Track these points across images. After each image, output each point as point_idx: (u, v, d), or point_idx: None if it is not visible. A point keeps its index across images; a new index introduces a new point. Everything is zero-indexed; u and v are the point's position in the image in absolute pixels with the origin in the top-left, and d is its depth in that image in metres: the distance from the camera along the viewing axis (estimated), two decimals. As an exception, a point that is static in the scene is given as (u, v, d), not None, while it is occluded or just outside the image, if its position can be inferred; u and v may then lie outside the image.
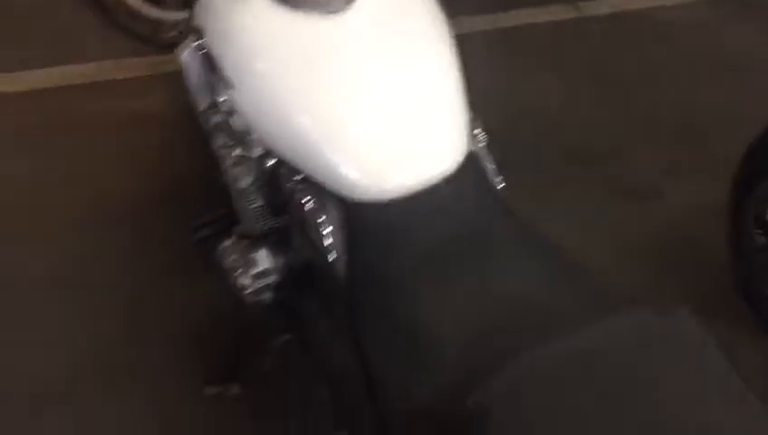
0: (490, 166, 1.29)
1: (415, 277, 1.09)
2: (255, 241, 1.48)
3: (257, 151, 1.35)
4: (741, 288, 2.13)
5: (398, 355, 1.02)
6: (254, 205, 1.47)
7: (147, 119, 2.41)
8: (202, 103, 1.56)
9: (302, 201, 1.23)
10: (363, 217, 1.17)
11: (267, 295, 1.53)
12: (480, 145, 1.28)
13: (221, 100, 1.40)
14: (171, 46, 2.63)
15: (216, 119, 1.47)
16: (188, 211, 1.73)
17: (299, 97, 1.20)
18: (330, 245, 1.20)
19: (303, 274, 1.45)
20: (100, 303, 1.90)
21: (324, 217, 1.21)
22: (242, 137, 1.37)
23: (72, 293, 1.91)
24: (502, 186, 1.28)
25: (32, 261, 1.97)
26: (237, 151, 1.39)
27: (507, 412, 0.84)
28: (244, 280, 1.46)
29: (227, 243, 1.53)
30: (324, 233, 1.20)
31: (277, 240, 1.47)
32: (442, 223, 1.15)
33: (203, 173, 1.71)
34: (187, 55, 1.54)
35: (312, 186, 1.23)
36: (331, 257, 1.21)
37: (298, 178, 1.25)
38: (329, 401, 1.49)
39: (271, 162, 1.33)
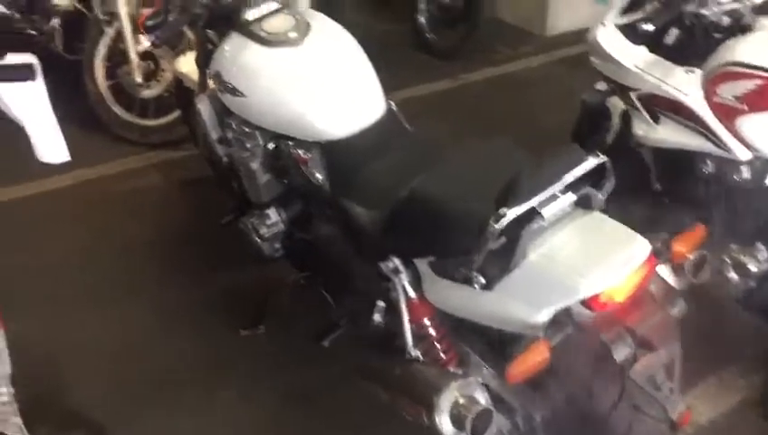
0: (402, 117, 2.23)
1: (366, 168, 2.00)
2: (265, 206, 2.32)
3: (261, 140, 2.21)
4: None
5: (358, 195, 1.94)
6: (263, 180, 2.31)
7: (147, 190, 3.41)
8: (215, 135, 2.45)
9: (299, 153, 2.10)
10: (332, 150, 2.07)
11: (278, 246, 2.35)
12: (394, 107, 2.21)
13: (233, 118, 2.29)
14: (156, 145, 3.58)
15: (230, 135, 2.34)
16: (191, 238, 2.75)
17: (286, 91, 2.10)
18: (317, 172, 2.07)
19: (303, 220, 2.29)
20: (169, 283, 2.80)
21: (311, 157, 2.08)
22: (250, 134, 2.23)
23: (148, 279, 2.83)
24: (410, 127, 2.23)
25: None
26: (248, 145, 2.25)
27: (429, 187, 1.76)
28: (261, 229, 2.29)
29: (247, 215, 2.36)
30: (312, 166, 2.07)
31: (281, 202, 2.31)
32: (377, 144, 2.06)
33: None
34: (202, 104, 2.42)
35: (301, 142, 2.10)
36: (318, 181, 2.07)
37: (291, 143, 2.13)
38: (329, 302, 2.28)
39: (271, 144, 2.20)
